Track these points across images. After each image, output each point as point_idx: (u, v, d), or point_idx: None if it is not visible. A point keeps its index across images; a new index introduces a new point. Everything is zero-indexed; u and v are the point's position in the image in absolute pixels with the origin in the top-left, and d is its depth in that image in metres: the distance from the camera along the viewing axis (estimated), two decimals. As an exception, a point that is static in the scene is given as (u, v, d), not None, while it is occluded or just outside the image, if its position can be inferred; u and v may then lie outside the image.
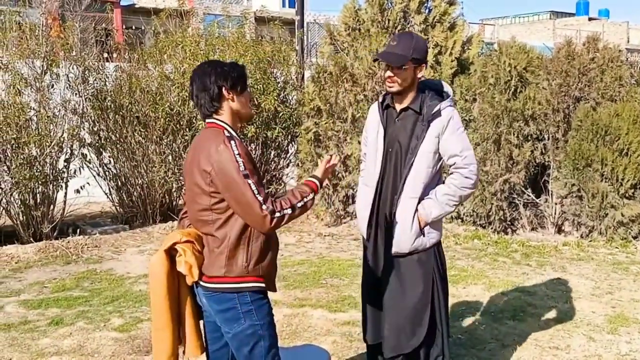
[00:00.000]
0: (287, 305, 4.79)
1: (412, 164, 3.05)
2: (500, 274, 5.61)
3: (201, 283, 2.51)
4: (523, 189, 6.95)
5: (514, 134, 6.80)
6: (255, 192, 2.34)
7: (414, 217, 3.09)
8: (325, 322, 4.45)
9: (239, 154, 2.36)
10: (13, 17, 6.48)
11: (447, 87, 3.19)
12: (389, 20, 7.49)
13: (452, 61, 7.44)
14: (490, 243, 6.60)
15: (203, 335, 2.66)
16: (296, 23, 8.99)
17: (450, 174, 3.11)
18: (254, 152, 7.64)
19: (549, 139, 6.84)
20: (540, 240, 6.67)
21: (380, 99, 3.24)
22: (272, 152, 8.09)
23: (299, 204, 2.46)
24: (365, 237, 3.27)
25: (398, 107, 3.14)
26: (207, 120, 2.53)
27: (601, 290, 5.19)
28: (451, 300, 4.80)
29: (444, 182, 3.15)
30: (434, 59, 7.41)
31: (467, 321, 4.51)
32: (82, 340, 4.15)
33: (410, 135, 3.08)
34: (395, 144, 3.13)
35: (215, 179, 2.37)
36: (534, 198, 7.00)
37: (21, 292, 5.16)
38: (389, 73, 3.05)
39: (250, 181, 2.34)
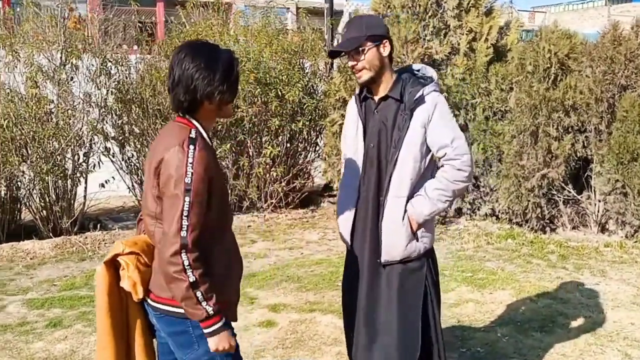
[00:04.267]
0: (296, 310, 4.50)
1: (396, 159, 2.72)
2: (532, 277, 5.18)
3: (149, 302, 2.21)
4: (563, 184, 6.45)
5: (553, 126, 6.31)
6: (186, 212, 2.01)
7: (403, 219, 2.75)
8: (333, 329, 4.13)
9: (191, 162, 2.03)
10: (30, 8, 6.38)
11: (430, 71, 2.85)
12: (419, 5, 7.07)
13: (487, 48, 6.97)
14: (524, 243, 6.15)
15: (156, 357, 2.39)
16: (325, 11, 8.67)
17: (441, 166, 2.76)
18: (280, 146, 7.38)
19: (591, 131, 6.32)
20: (580, 241, 6.17)
21: (357, 91, 2.90)
22: (300, 145, 7.81)
23: (198, 292, 2.03)
24: (348, 243, 2.94)
25: (376, 97, 2.81)
26: (178, 115, 2.21)
27: (644, 298, 4.72)
28: (474, 307, 4.45)
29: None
30: (468, 45, 6.96)
31: (489, 332, 4.12)
32: (76, 345, 3.97)
33: (392, 126, 2.75)
34: (375, 138, 2.79)
35: (159, 182, 2.08)
36: (574, 194, 6.50)
37: (29, 290, 5.04)
38: (351, 62, 2.74)
39: (187, 198, 2.01)
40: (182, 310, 2.12)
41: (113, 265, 2.21)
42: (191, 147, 2.06)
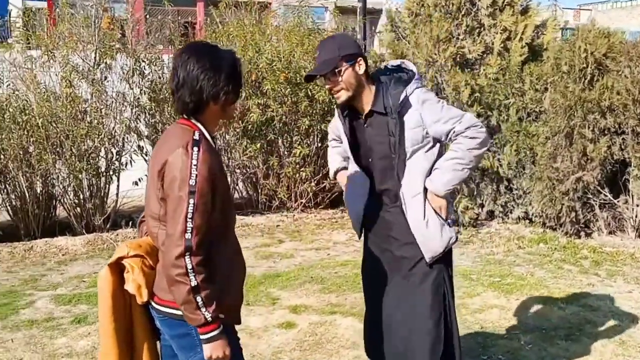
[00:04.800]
0: (317, 312, 4.48)
1: (401, 164, 2.71)
2: (562, 284, 5.03)
3: (153, 304, 2.21)
4: (599, 188, 6.26)
5: (588, 128, 6.12)
6: (190, 214, 2.00)
7: (425, 213, 2.74)
8: (352, 333, 4.09)
9: (196, 164, 2.02)
10: (65, 8, 6.52)
11: (410, 65, 2.79)
12: (452, 4, 6.95)
13: (522, 47, 6.81)
14: (557, 248, 5.98)
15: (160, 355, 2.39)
16: (358, 10, 8.61)
17: (453, 142, 2.74)
18: (310, 146, 7.37)
19: (628, 133, 6.11)
20: (615, 246, 5.98)
21: (339, 109, 2.86)
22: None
23: (199, 297, 2.01)
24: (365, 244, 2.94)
25: (363, 112, 2.77)
26: (181, 117, 2.21)
27: (679, 307, 4.54)
28: (499, 314, 4.36)
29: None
30: (502, 45, 6.82)
31: (512, 339, 4.02)
32: (98, 342, 4.01)
33: (386, 135, 2.72)
34: (371, 152, 2.79)
35: (164, 184, 2.07)
36: (611, 198, 6.29)
37: (59, 286, 5.14)
38: (328, 85, 2.70)
39: (192, 200, 2.00)
40: (181, 313, 2.10)
41: (117, 268, 2.22)
42: (195, 148, 2.04)
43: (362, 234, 3.01)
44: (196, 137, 2.09)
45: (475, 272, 5.32)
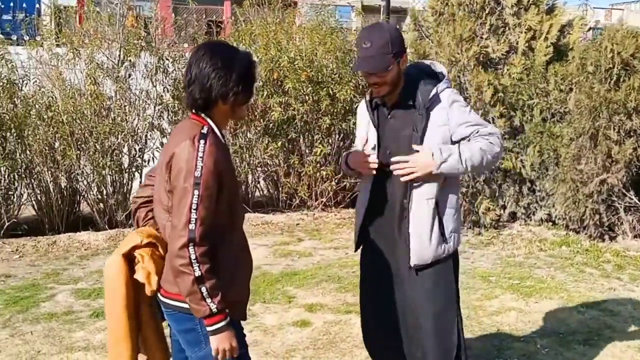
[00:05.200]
0: (332, 311, 4.48)
1: None
2: (582, 287, 4.95)
3: (160, 297, 2.23)
4: (624, 191, 6.14)
5: (613, 129, 6.01)
6: (194, 205, 2.02)
7: (433, 222, 2.70)
8: (367, 332, 4.08)
9: (202, 156, 2.04)
10: (91, 6, 6.62)
11: (440, 67, 2.77)
12: (476, 3, 6.88)
13: (547, 47, 6.71)
14: (579, 251, 5.89)
15: (170, 353, 2.41)
16: (381, 9, 8.57)
17: (470, 140, 2.69)
18: (332, 145, 7.37)
19: (655, 135, 5.99)
20: (639, 250, 5.86)
21: (368, 97, 2.82)
22: (352, 145, 7.74)
23: (203, 287, 2.03)
24: (362, 249, 2.91)
25: (389, 101, 2.74)
26: (192, 112, 2.23)
27: None
28: (516, 317, 4.31)
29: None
30: (526, 44, 6.73)
31: (528, 342, 3.97)
32: (114, 335, 4.08)
33: (410, 129, 2.68)
34: (391, 144, 2.73)
35: (170, 176, 2.09)
36: (637, 201, 6.17)
37: (80, 280, 5.22)
38: (373, 79, 2.63)
39: (197, 191, 2.02)
40: (187, 306, 2.11)
41: (127, 258, 2.24)
42: (201, 141, 2.07)
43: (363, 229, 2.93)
44: (204, 131, 2.12)
45: (494, 274, 5.26)
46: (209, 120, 2.18)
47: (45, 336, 4.06)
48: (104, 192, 6.69)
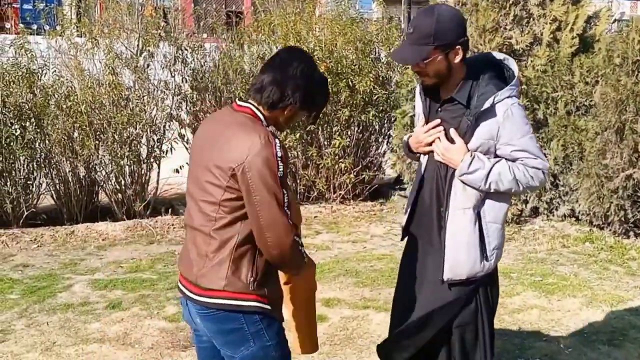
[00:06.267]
0: (350, 306, 4.41)
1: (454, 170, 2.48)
2: (607, 285, 4.83)
3: (193, 297, 2.13)
4: (650, 186, 5.98)
5: (641, 123, 5.86)
6: (286, 203, 2.02)
7: (472, 235, 2.50)
8: (385, 328, 3.94)
9: (281, 156, 2.01)
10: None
11: (512, 65, 2.49)
12: (501, -8, 6.73)
13: (572, 38, 6.54)
14: (603, 248, 5.75)
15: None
16: (403, 0, 8.44)
17: (514, 161, 2.47)
18: (350, 137, 7.29)
19: (684, 129, 5.82)
20: (666, 248, 5.72)
21: (422, 84, 2.61)
22: (371, 137, 7.66)
23: (304, 251, 2.15)
24: (406, 244, 2.78)
25: (442, 95, 2.53)
26: (242, 104, 2.15)
27: None
28: (538, 315, 4.22)
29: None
30: (551, 35, 6.57)
31: (551, 342, 3.87)
32: (130, 327, 4.06)
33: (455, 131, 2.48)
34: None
35: (240, 175, 1.99)
36: (663, 198, 6.01)
37: (97, 270, 5.21)
38: (415, 68, 2.46)
39: (285, 190, 2.02)
40: (237, 303, 2.06)
41: None
42: (276, 141, 2.02)
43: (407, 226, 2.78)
44: (270, 128, 2.11)
45: (516, 270, 5.15)
46: (259, 114, 2.13)
47: (61, 327, 4.05)
48: (122, 182, 6.68)
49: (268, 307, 2.12)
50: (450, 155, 2.46)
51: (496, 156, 2.48)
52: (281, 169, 2.00)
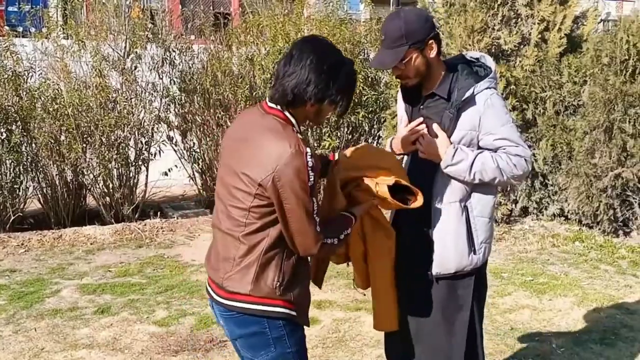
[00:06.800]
0: (342, 308, 4.39)
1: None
2: (597, 284, 4.84)
3: (218, 299, 2.14)
4: (639, 185, 6.01)
5: (629, 122, 5.87)
6: (315, 211, 2.04)
7: (460, 229, 2.51)
8: (376, 331, 3.98)
9: (312, 166, 1.99)
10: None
11: (489, 61, 2.54)
12: (489, -8, 6.74)
13: (560, 38, 6.56)
14: (593, 247, 5.77)
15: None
16: (391, 0, 8.44)
17: (495, 151, 2.48)
18: (340, 139, 7.27)
19: (672, 128, 5.85)
20: (655, 247, 5.75)
21: (402, 87, 2.63)
22: (361, 138, 7.65)
23: (342, 236, 2.17)
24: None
25: (423, 93, 2.55)
26: (272, 106, 2.10)
27: None
28: (530, 314, 4.21)
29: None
30: (539, 36, 6.58)
31: (543, 342, 3.87)
32: (119, 332, 4.01)
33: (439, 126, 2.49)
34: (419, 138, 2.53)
35: (269, 185, 1.98)
36: (652, 196, 6.04)
37: (85, 275, 5.15)
38: (395, 72, 2.47)
39: (314, 198, 2.03)
40: (262, 308, 2.08)
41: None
42: (307, 150, 2.00)
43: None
44: (299, 135, 2.06)
45: (506, 270, 5.15)
46: (290, 117, 2.09)
47: (49, 333, 4.00)
48: (110, 185, 6.62)
49: (293, 312, 2.13)
50: (434, 149, 2.47)
51: (479, 147, 2.50)
52: (312, 179, 1.99)
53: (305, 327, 2.24)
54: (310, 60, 2.03)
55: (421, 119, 2.54)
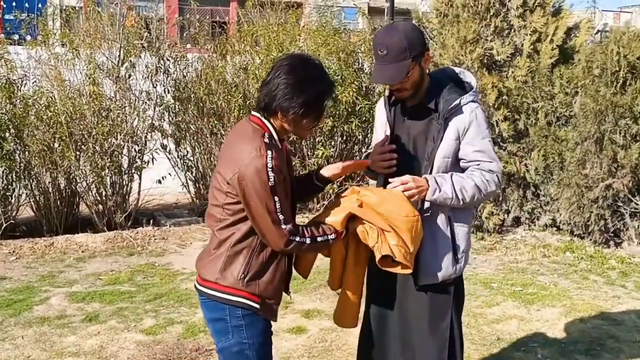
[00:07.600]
0: (329, 317, 4.37)
1: (430, 172, 2.50)
2: (586, 295, 4.85)
3: (196, 284, 2.36)
4: (630, 196, 6.03)
5: (619, 133, 5.91)
6: (279, 208, 2.18)
7: (445, 239, 2.56)
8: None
9: (272, 167, 2.15)
10: (91, 6, 6.56)
11: (469, 77, 2.60)
12: (481, 4, 6.78)
13: (552, 49, 6.60)
14: (583, 257, 5.77)
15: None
16: (385, 10, 8.48)
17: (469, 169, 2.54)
18: (334, 147, 7.29)
19: (662, 139, 5.87)
20: (645, 257, 5.75)
21: (387, 93, 2.67)
22: (355, 147, 7.68)
23: (320, 239, 2.29)
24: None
25: (409, 103, 2.58)
26: (254, 114, 2.30)
27: None
28: (517, 325, 4.21)
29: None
30: (532, 47, 6.62)
31: (529, 352, 3.87)
32: (106, 341, 4.01)
33: (425, 137, 2.53)
34: (403, 150, 2.57)
35: (236, 184, 2.18)
36: (643, 207, 6.06)
37: (75, 283, 5.15)
38: (394, 86, 2.48)
39: (276, 197, 2.17)
40: (224, 296, 2.26)
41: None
42: (268, 152, 2.16)
43: None
44: (267, 139, 2.21)
45: (496, 280, 5.16)
46: (268, 124, 2.27)
47: (36, 341, 4.00)
48: (103, 193, 6.63)
49: (256, 305, 2.27)
50: (418, 182, 2.45)
51: (456, 158, 2.54)
52: (272, 179, 2.14)
53: (272, 322, 2.40)
54: (280, 73, 2.20)
55: (393, 146, 2.56)
